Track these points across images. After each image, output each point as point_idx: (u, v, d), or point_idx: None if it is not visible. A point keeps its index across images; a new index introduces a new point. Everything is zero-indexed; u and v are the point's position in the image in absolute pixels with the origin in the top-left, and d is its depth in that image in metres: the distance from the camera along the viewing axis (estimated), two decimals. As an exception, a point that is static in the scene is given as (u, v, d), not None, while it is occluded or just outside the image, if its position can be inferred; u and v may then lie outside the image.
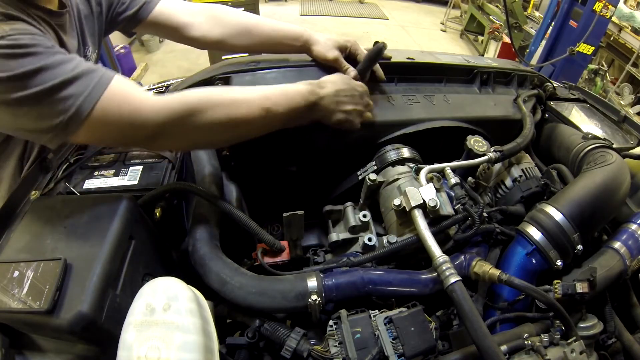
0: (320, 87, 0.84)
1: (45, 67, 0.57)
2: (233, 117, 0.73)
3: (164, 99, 0.68)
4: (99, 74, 0.62)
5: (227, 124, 0.73)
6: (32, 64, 0.56)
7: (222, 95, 0.73)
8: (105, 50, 3.48)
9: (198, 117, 0.69)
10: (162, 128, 0.67)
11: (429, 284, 0.77)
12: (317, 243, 1.00)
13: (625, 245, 0.86)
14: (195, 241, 0.77)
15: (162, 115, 0.66)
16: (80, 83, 0.59)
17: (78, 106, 0.59)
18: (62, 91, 0.58)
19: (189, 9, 1.00)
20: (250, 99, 0.75)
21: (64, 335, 0.56)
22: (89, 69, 0.61)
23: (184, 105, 0.68)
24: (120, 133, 0.66)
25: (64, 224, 0.64)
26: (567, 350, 0.69)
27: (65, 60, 0.60)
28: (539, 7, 5.81)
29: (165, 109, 0.66)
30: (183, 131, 0.70)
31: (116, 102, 0.62)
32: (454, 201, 0.86)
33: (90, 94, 0.60)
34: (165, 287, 0.56)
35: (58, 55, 0.60)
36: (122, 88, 0.64)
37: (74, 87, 0.59)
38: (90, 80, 0.60)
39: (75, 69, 0.60)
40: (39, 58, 0.57)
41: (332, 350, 0.67)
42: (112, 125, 0.64)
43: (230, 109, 0.72)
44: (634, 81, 4.46)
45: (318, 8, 6.93)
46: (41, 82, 0.56)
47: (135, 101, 0.64)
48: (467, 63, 1.17)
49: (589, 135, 1.05)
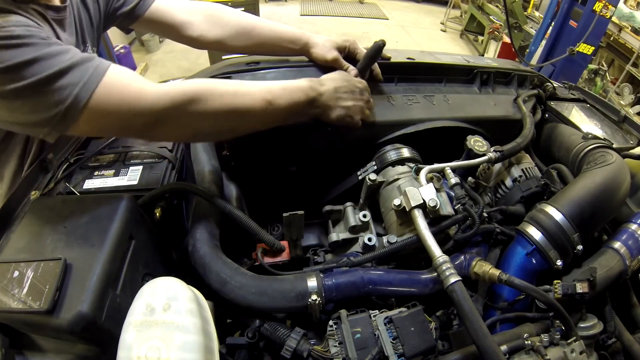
0: (320, 84, 0.85)
1: (40, 58, 0.56)
2: (234, 107, 0.73)
3: (165, 86, 0.67)
4: (94, 63, 0.61)
5: (228, 114, 0.73)
6: (26, 54, 0.55)
7: (224, 86, 0.74)
8: (105, 50, 3.49)
9: (199, 105, 0.69)
10: (163, 115, 0.66)
11: (429, 284, 0.77)
12: (317, 243, 1.00)
13: (625, 245, 0.86)
14: (195, 241, 0.77)
15: (162, 103, 0.65)
16: (77, 72, 0.59)
17: (75, 95, 0.58)
18: (58, 81, 0.57)
19: (187, 8, 1.00)
20: (252, 90, 0.75)
21: (64, 335, 0.55)
22: (84, 58, 0.61)
23: (185, 93, 0.68)
24: (120, 121, 0.65)
25: (64, 224, 0.64)
26: (567, 350, 0.69)
27: (61, 51, 0.59)
28: (539, 7, 5.81)
29: (166, 96, 0.66)
30: (183, 119, 0.69)
31: (114, 90, 0.62)
32: (454, 201, 0.86)
33: (87, 82, 0.59)
34: (165, 287, 0.56)
35: (54, 47, 0.59)
36: (119, 76, 0.64)
37: (70, 76, 0.58)
38: (87, 69, 0.60)
39: (72, 59, 0.59)
40: (34, 49, 0.56)
41: (332, 350, 0.67)
42: (112, 113, 0.63)
43: (232, 99, 0.72)
44: (634, 81, 4.46)
45: (318, 8, 6.93)
46: (37, 73, 0.56)
47: (133, 89, 0.64)
48: (467, 63, 1.17)
49: (589, 135, 1.05)
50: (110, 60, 0.67)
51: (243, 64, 1.01)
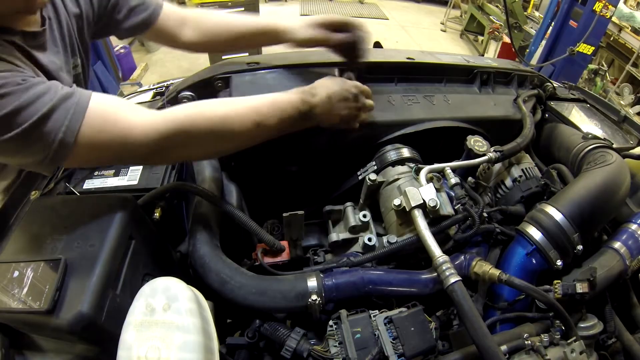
0: (312, 95, 0.81)
1: (20, 107, 0.54)
2: (224, 133, 0.72)
3: (154, 117, 0.66)
4: (75, 99, 0.59)
5: (218, 140, 0.73)
6: (5, 107, 0.54)
7: (211, 110, 0.72)
8: (105, 50, 3.48)
9: (188, 135, 0.68)
10: (153, 148, 0.66)
11: (429, 284, 0.77)
12: (317, 243, 1.00)
13: (625, 245, 0.86)
14: (195, 241, 0.77)
15: (151, 137, 0.64)
16: (58, 114, 0.57)
17: (60, 140, 0.57)
18: (41, 127, 0.56)
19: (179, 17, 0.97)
20: (240, 113, 0.73)
21: (64, 335, 0.55)
22: (64, 96, 0.59)
23: (173, 124, 0.67)
24: (112, 153, 0.64)
25: (64, 224, 0.64)
26: (567, 350, 0.69)
27: (39, 93, 0.57)
28: (539, 7, 5.80)
29: (154, 131, 0.65)
30: (174, 149, 0.69)
31: (100, 125, 0.60)
32: (454, 201, 0.86)
33: (70, 124, 0.58)
34: (165, 287, 0.56)
35: (31, 90, 0.56)
36: (102, 108, 0.62)
37: (53, 120, 0.57)
38: (68, 109, 0.58)
39: (52, 100, 0.57)
40: (12, 98, 0.54)
41: (332, 350, 0.67)
42: (101, 147, 0.62)
43: (220, 123, 0.71)
44: (634, 81, 4.46)
45: (318, 8, 6.93)
46: (19, 124, 0.54)
47: (120, 122, 0.63)
48: (467, 63, 1.17)
49: (589, 135, 1.05)
50: (110, 60, 0.66)
51: (243, 64, 1.01)
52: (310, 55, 1.05)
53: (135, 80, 4.08)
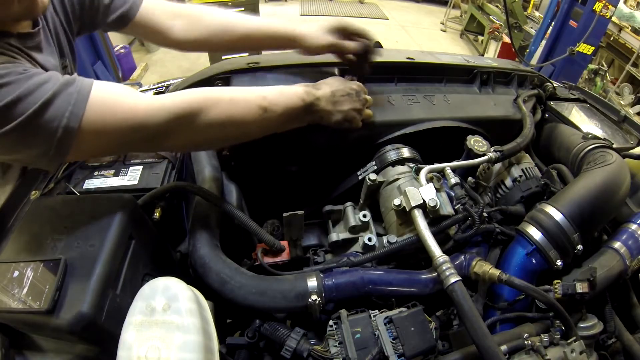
0: (316, 88, 0.84)
1: (23, 95, 0.54)
2: (231, 116, 0.72)
3: (160, 99, 0.66)
4: (77, 86, 0.59)
5: (226, 123, 0.73)
6: (9, 94, 0.53)
7: (220, 94, 0.73)
8: (105, 50, 3.48)
9: (197, 116, 0.68)
10: (162, 128, 0.66)
11: (429, 284, 0.77)
12: (317, 243, 1.00)
13: (625, 245, 0.86)
14: (195, 241, 0.77)
15: (158, 116, 0.65)
16: (61, 100, 0.57)
17: (65, 124, 0.56)
18: (44, 114, 0.55)
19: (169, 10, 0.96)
20: (248, 97, 0.75)
21: (64, 335, 0.55)
22: (66, 83, 0.58)
23: (183, 105, 0.67)
24: (117, 138, 0.64)
25: (64, 224, 0.64)
26: (567, 350, 0.69)
27: (41, 81, 0.57)
28: (539, 7, 5.81)
29: (161, 110, 0.65)
30: (181, 131, 0.69)
31: (104, 109, 0.60)
32: (454, 201, 0.86)
33: (74, 108, 0.57)
34: (165, 287, 0.56)
35: (34, 78, 0.56)
36: (105, 93, 0.61)
37: (55, 106, 0.56)
38: (70, 95, 0.57)
39: (53, 87, 0.57)
40: (15, 86, 0.54)
41: (332, 350, 0.67)
42: (106, 132, 0.62)
43: (228, 107, 0.72)
44: (634, 81, 4.46)
45: (318, 8, 6.92)
46: (22, 111, 0.54)
47: (124, 104, 0.62)
48: (467, 63, 1.17)
49: (589, 135, 1.05)
50: (110, 60, 0.66)
51: (243, 64, 1.01)
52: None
53: (135, 80, 4.08)
